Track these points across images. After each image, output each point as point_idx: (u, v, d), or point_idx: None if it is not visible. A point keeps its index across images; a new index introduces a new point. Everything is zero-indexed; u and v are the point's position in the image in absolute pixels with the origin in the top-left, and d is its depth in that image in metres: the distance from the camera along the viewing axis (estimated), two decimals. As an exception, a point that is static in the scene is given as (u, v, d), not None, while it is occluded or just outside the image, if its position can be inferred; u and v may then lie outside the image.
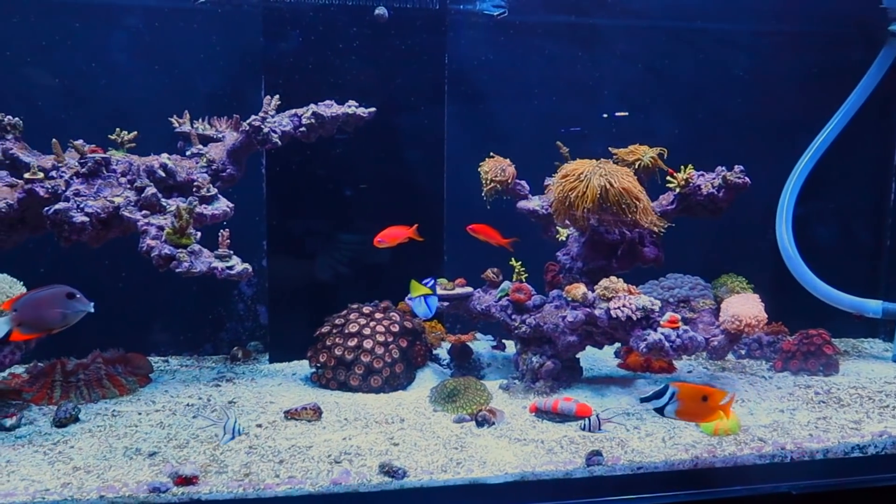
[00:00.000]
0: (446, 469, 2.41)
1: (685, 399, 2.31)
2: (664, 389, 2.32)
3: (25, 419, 2.82)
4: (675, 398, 2.31)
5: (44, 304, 2.36)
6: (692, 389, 2.35)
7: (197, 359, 3.86)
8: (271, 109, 3.35)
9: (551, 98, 4.18)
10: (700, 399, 2.31)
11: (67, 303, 2.39)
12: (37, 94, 3.69)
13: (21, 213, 2.99)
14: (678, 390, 2.32)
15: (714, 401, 2.30)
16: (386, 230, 3.18)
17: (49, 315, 2.37)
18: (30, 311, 2.33)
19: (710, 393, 2.32)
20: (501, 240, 3.40)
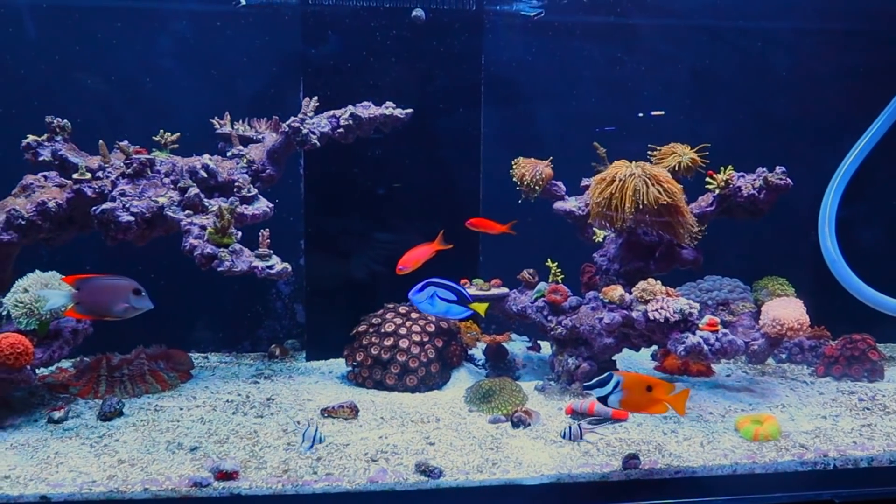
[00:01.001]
0: (482, 469, 2.42)
1: (629, 389, 2.29)
2: (608, 378, 2.29)
3: (73, 412, 2.90)
4: (619, 387, 2.29)
5: (108, 291, 2.43)
6: (637, 379, 2.33)
7: (236, 356, 3.93)
8: (310, 111, 3.40)
9: (590, 99, 4.16)
10: (644, 389, 2.29)
11: (131, 297, 2.46)
12: (85, 96, 3.80)
13: (70, 212, 3.08)
14: (623, 379, 2.29)
15: (659, 392, 2.28)
16: (406, 254, 3.07)
17: (109, 304, 2.44)
18: (92, 295, 2.39)
19: (656, 384, 2.29)
20: (500, 227, 3.40)
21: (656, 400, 2.30)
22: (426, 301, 2.84)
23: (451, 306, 2.85)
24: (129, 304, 2.47)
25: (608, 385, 2.30)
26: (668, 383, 2.34)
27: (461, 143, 3.88)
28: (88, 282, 2.41)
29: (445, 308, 2.86)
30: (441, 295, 2.85)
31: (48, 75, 3.78)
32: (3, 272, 3.08)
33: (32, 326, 2.84)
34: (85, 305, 2.43)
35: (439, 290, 2.86)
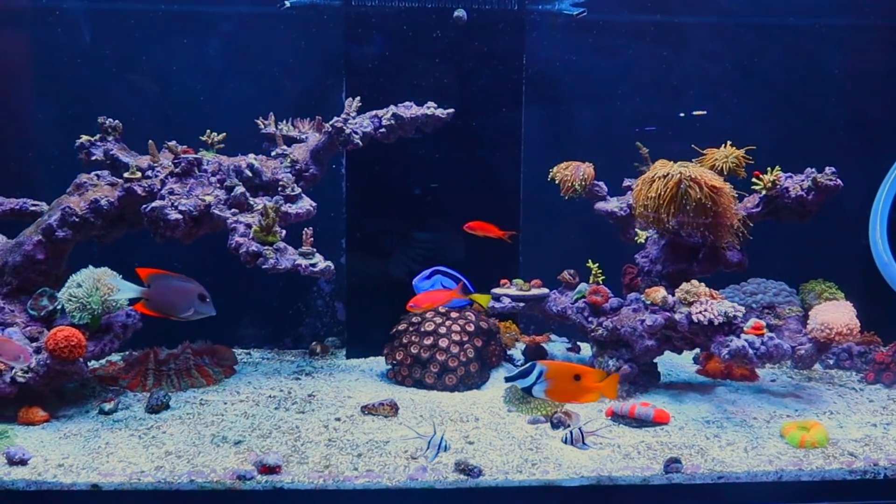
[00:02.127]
0: (521, 469, 2.42)
1: (555, 378, 2.20)
2: (530, 368, 2.19)
3: (122, 404, 2.99)
4: (543, 377, 2.19)
5: (177, 293, 2.50)
6: (561, 367, 2.23)
7: (277, 352, 3.99)
8: (352, 111, 3.44)
9: (632, 99, 4.11)
10: (572, 378, 2.20)
11: (197, 302, 2.52)
12: (135, 97, 3.91)
13: (121, 210, 3.17)
14: (546, 368, 2.20)
15: (588, 380, 2.18)
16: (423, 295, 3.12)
17: (176, 305, 2.50)
18: (161, 294, 2.45)
19: (584, 371, 2.20)
20: (499, 232, 3.38)
21: (586, 388, 2.21)
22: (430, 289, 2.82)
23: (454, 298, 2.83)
24: (195, 309, 2.54)
25: (531, 375, 2.21)
26: (596, 370, 2.24)
27: (502, 144, 3.87)
28: (160, 280, 2.46)
29: None
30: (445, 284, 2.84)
31: (101, 78, 3.89)
32: (58, 268, 3.19)
33: (85, 320, 2.94)
34: (153, 303, 2.50)
35: (444, 280, 2.85)
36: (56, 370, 2.77)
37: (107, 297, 2.92)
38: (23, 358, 2.55)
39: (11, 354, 2.51)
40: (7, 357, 2.52)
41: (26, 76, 3.97)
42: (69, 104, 3.87)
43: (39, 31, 3.92)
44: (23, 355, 2.54)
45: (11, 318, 3.00)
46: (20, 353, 2.54)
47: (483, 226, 3.39)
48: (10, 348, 2.51)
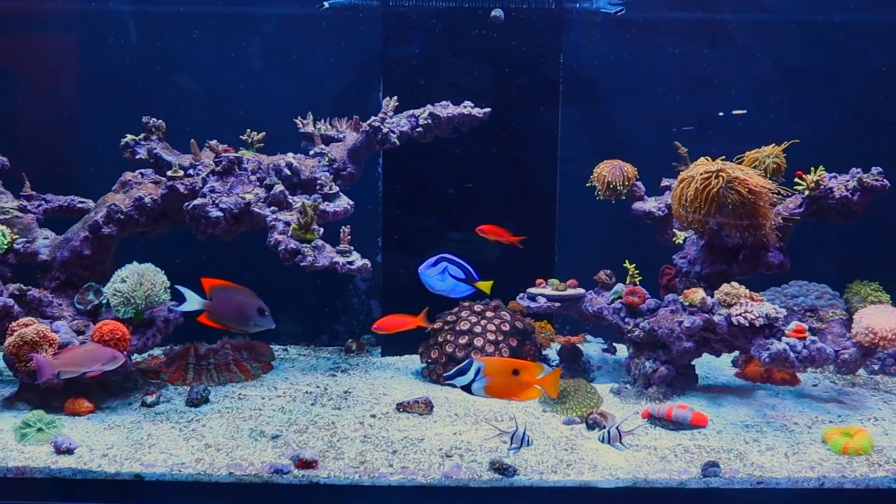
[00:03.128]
0: (556, 470, 2.41)
1: (493, 374, 2.15)
2: (467, 366, 2.15)
3: (163, 397, 3.05)
4: (481, 374, 2.15)
5: (237, 306, 2.54)
6: (499, 363, 2.21)
7: (313, 349, 4.04)
8: (390, 110, 3.46)
9: (671, 98, 4.06)
10: (510, 373, 2.15)
11: (256, 316, 2.59)
12: (178, 97, 3.99)
13: (163, 207, 3.24)
14: (484, 365, 2.15)
15: (527, 375, 2.14)
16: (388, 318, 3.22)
17: (237, 318, 2.55)
18: (222, 306, 2.50)
19: (522, 367, 2.15)
20: (511, 237, 3.34)
21: (525, 384, 2.18)
22: (437, 276, 2.80)
23: (457, 283, 2.81)
24: (254, 322, 2.58)
25: (468, 373, 2.18)
26: (535, 365, 2.20)
27: (539, 143, 3.86)
28: (222, 292, 2.50)
29: (452, 285, 2.81)
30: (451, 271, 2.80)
31: (146, 78, 3.99)
32: (103, 263, 3.28)
33: (129, 315, 3.01)
34: (215, 315, 2.54)
35: (451, 267, 2.81)
36: (101, 363, 2.84)
37: (150, 292, 2.99)
38: (118, 358, 2.58)
39: (106, 358, 2.56)
40: (103, 362, 2.56)
41: (75, 77, 4.09)
42: (115, 104, 3.97)
43: (87, 33, 4.03)
44: (117, 356, 2.58)
45: (59, 311, 3.09)
46: (113, 354, 2.57)
47: (495, 230, 3.37)
48: (102, 353, 2.56)
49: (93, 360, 2.55)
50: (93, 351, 2.56)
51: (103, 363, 2.57)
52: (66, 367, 2.54)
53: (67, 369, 2.54)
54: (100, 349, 2.57)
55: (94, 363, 2.56)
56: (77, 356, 2.57)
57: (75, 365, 2.54)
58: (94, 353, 2.56)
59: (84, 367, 2.56)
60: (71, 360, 2.55)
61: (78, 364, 2.55)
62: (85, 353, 2.58)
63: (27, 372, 2.82)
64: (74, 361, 2.55)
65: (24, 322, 2.88)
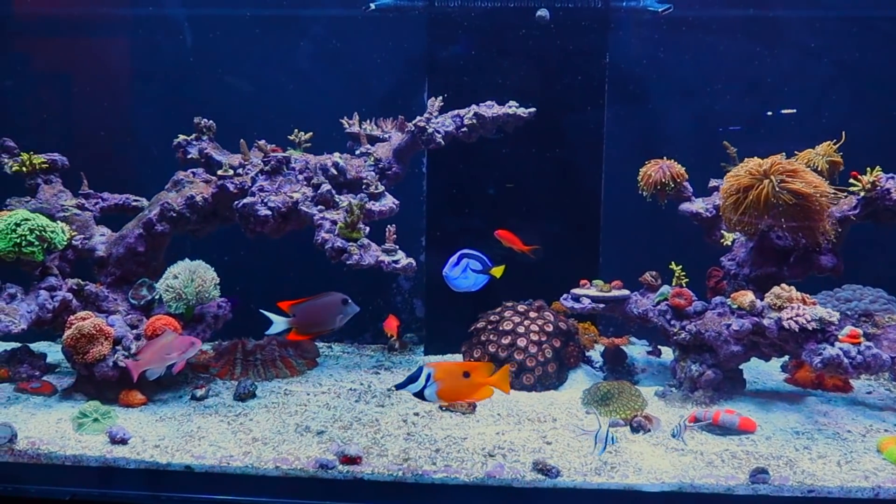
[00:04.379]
0: (600, 472, 2.39)
1: (444, 378, 2.16)
2: (418, 372, 2.16)
3: (212, 391, 3.13)
4: (432, 379, 2.16)
5: (321, 311, 2.56)
6: (449, 367, 2.20)
7: (357, 347, 4.09)
8: (435, 111, 3.48)
9: (722, 97, 3.98)
10: (461, 376, 2.16)
11: (342, 308, 2.59)
12: (227, 98, 4.08)
13: (214, 206, 3.33)
14: (434, 371, 2.16)
15: (478, 375, 2.15)
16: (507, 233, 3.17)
17: (325, 321, 2.57)
18: (307, 317, 2.53)
19: (472, 368, 2.16)
20: (523, 246, 3.29)
21: (477, 385, 2.18)
22: (461, 276, 2.75)
23: (477, 277, 2.76)
24: (341, 315, 2.60)
25: (419, 379, 2.18)
26: (484, 364, 2.21)
27: (584, 143, 3.83)
28: (303, 308, 2.53)
29: (474, 279, 2.76)
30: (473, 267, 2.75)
31: (197, 79, 4.09)
32: (156, 260, 3.37)
33: (180, 310, 3.09)
34: (303, 328, 2.56)
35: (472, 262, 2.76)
36: (154, 357, 2.93)
37: (200, 288, 3.06)
38: (196, 344, 2.62)
39: (183, 347, 2.60)
40: (181, 351, 2.60)
41: (129, 80, 4.22)
42: (168, 105, 4.08)
43: (141, 37, 4.16)
44: (195, 342, 2.62)
45: (114, 306, 3.20)
46: (191, 341, 2.61)
47: (509, 236, 3.33)
48: (180, 343, 2.60)
49: (173, 351, 2.59)
50: (170, 343, 2.60)
51: (182, 352, 2.60)
52: (150, 364, 2.58)
53: (152, 367, 2.59)
54: (177, 339, 2.60)
55: (175, 354, 2.59)
56: (157, 352, 2.60)
57: (157, 360, 2.58)
58: (173, 344, 2.59)
59: (166, 361, 2.60)
60: (153, 357, 2.59)
61: (160, 359, 2.59)
62: (163, 346, 2.61)
63: (84, 364, 2.92)
64: (156, 357, 2.59)
65: (82, 316, 2.98)
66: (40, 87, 4.25)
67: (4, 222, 2.99)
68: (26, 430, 2.68)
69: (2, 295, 2.96)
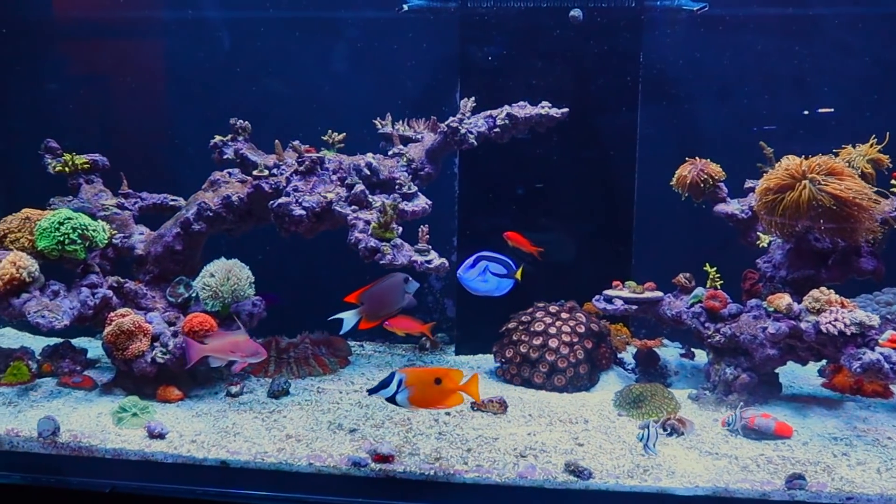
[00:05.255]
0: (633, 475, 2.38)
1: (415, 384, 2.18)
2: (390, 378, 2.18)
3: (247, 388, 3.18)
4: (403, 385, 2.17)
5: (386, 295, 2.56)
6: (421, 373, 2.21)
7: (388, 346, 4.11)
8: (467, 111, 3.48)
9: (760, 96, 3.92)
10: (433, 382, 2.18)
11: (405, 287, 2.58)
12: (262, 99, 4.13)
13: (249, 205, 3.37)
14: (405, 376, 2.18)
15: (449, 382, 2.16)
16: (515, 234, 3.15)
17: (392, 303, 2.57)
18: (375, 303, 2.54)
19: (443, 374, 2.17)
20: (531, 248, 3.24)
21: (448, 391, 2.19)
22: (478, 278, 2.68)
23: (500, 281, 2.69)
24: (405, 294, 2.59)
25: (391, 385, 2.19)
26: (455, 371, 2.21)
27: (617, 143, 3.81)
28: (369, 294, 2.54)
29: (496, 284, 2.69)
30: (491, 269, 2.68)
31: (232, 81, 4.15)
32: (193, 259, 3.43)
33: (216, 308, 3.15)
34: (372, 315, 2.57)
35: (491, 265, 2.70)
36: (190, 353, 2.98)
37: (236, 286, 3.11)
38: (260, 353, 2.65)
39: (249, 352, 2.63)
40: (246, 354, 2.64)
41: (167, 82, 4.30)
42: (204, 107, 4.14)
43: (178, 39, 4.23)
44: (260, 351, 2.65)
45: (153, 303, 3.26)
46: (257, 349, 2.65)
47: (517, 238, 3.30)
48: (247, 347, 2.63)
49: (238, 351, 2.62)
50: (240, 342, 2.62)
51: (247, 355, 2.63)
52: (214, 353, 2.62)
53: (215, 355, 2.62)
54: (246, 342, 2.62)
55: (239, 354, 2.63)
56: (225, 345, 2.63)
57: (222, 352, 2.62)
58: (241, 345, 2.62)
59: (230, 357, 2.63)
60: (218, 349, 2.62)
61: (224, 352, 2.62)
62: (232, 343, 2.64)
63: (123, 360, 2.99)
64: (223, 349, 2.62)
65: (122, 313, 3.05)
66: (81, 89, 4.35)
67: (48, 221, 3.07)
68: (68, 423, 2.75)
69: (45, 292, 3.04)
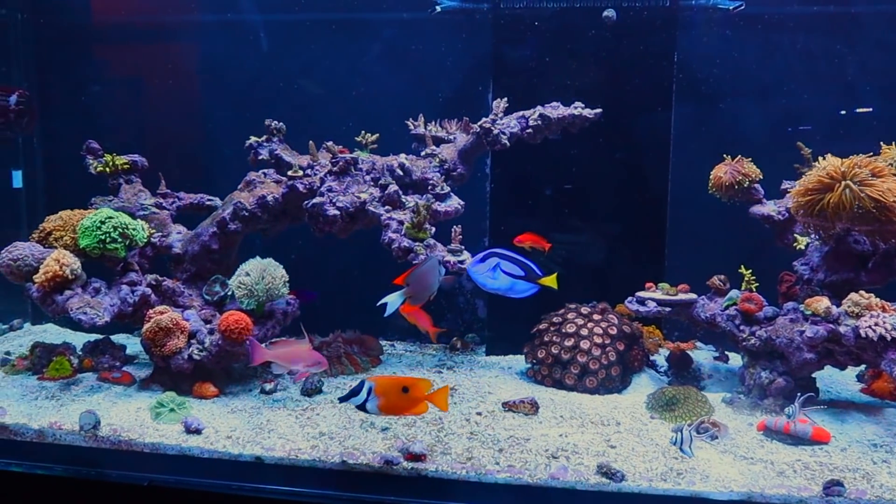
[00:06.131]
0: (666, 478, 2.36)
1: (384, 393, 2.23)
2: (360, 386, 2.22)
3: (280, 386, 3.22)
4: (373, 393, 2.22)
5: (428, 276, 2.58)
6: (389, 381, 2.27)
7: (419, 345, 4.13)
8: (500, 112, 3.49)
9: (799, 96, 3.85)
10: (400, 391, 2.23)
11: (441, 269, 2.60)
12: (296, 100, 4.18)
13: (284, 205, 3.42)
14: (375, 384, 2.23)
15: (417, 391, 2.22)
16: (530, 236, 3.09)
17: (432, 284, 2.59)
18: (419, 284, 2.57)
19: (411, 383, 2.22)
20: (544, 243, 3.20)
21: (415, 399, 2.24)
22: (487, 273, 2.63)
23: (515, 282, 2.64)
24: (442, 276, 2.62)
25: (361, 393, 2.23)
26: (424, 381, 2.25)
27: (651, 144, 3.78)
28: (413, 275, 2.57)
29: (509, 284, 2.63)
30: (505, 269, 2.64)
31: (267, 82, 4.21)
32: (229, 258, 3.49)
33: (251, 306, 3.19)
34: (416, 297, 2.60)
35: (504, 263, 2.65)
36: (226, 350, 3.04)
37: (271, 285, 3.15)
38: (322, 364, 2.70)
39: (311, 362, 2.68)
40: (308, 364, 2.69)
41: (204, 84, 4.37)
42: (240, 108, 4.21)
43: (214, 42, 4.30)
44: (322, 361, 2.70)
45: (189, 301, 3.33)
46: (319, 359, 2.69)
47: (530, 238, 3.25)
48: (309, 356, 2.68)
49: (301, 360, 2.66)
50: (303, 352, 2.67)
51: (309, 365, 2.68)
52: (277, 360, 2.67)
53: (278, 363, 2.68)
54: (308, 352, 2.68)
55: (302, 363, 2.67)
56: (289, 354, 2.68)
57: (285, 362, 2.67)
58: (304, 354, 2.67)
59: (291, 366, 2.68)
60: (282, 357, 2.67)
61: (286, 360, 2.67)
62: (296, 352, 2.68)
63: (161, 356, 3.05)
64: (285, 358, 2.67)
65: (160, 310, 3.12)
66: (122, 91, 4.46)
67: (90, 220, 3.15)
68: (108, 417, 2.82)
69: (87, 289, 3.12)
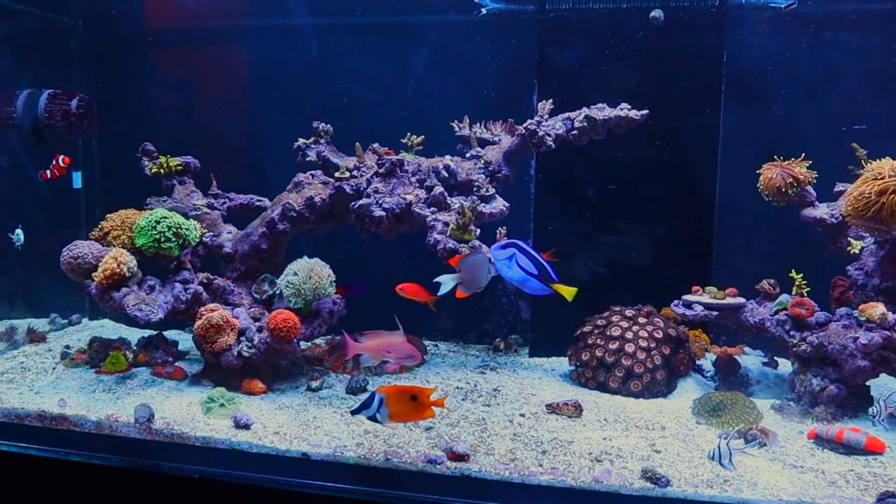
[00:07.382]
0: (712, 484, 2.33)
1: (394, 402, 2.28)
2: (371, 398, 2.28)
3: (326, 384, 3.28)
4: (384, 403, 2.27)
5: (479, 266, 2.64)
6: (398, 391, 2.31)
7: (463, 346, 4.15)
8: (545, 114, 3.48)
9: (854, 96, 3.75)
10: (409, 399, 2.29)
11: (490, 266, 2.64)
12: (345, 102, 4.24)
13: (331, 206, 3.48)
14: (385, 396, 2.28)
15: (424, 398, 2.29)
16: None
17: (481, 276, 2.64)
18: (470, 272, 2.63)
19: (418, 391, 2.31)
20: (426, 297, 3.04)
21: (422, 406, 2.30)
22: (504, 261, 2.60)
23: (527, 278, 2.58)
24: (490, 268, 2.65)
25: (373, 404, 2.27)
26: (427, 388, 2.33)
27: (699, 145, 3.72)
28: (465, 261, 2.64)
29: (521, 277, 2.58)
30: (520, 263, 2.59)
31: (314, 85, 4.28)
32: (277, 257, 3.57)
33: (299, 305, 3.26)
34: (467, 283, 2.65)
35: (519, 256, 2.61)
36: (274, 348, 3.11)
37: (318, 285, 3.21)
38: (415, 357, 2.68)
39: (404, 354, 2.67)
40: (401, 356, 2.67)
41: (254, 87, 4.47)
42: (288, 111, 4.29)
43: (263, 46, 4.40)
44: (415, 354, 2.68)
45: (239, 299, 3.41)
46: (413, 352, 2.68)
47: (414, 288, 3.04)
48: (402, 348, 2.66)
49: (393, 352, 2.65)
50: (395, 344, 2.66)
51: (402, 357, 2.67)
52: (369, 352, 2.66)
53: (369, 355, 2.66)
54: (402, 344, 2.66)
55: (394, 355, 2.66)
56: (381, 345, 2.66)
57: (376, 353, 2.66)
58: (396, 346, 2.65)
59: (383, 357, 2.67)
60: (373, 349, 2.65)
61: (379, 353, 2.66)
62: (388, 343, 2.67)
63: (212, 352, 3.14)
64: (377, 350, 2.65)
65: (211, 308, 3.21)
66: (175, 95, 4.58)
67: (146, 220, 3.26)
68: (162, 411, 2.91)
69: (143, 286, 3.23)
